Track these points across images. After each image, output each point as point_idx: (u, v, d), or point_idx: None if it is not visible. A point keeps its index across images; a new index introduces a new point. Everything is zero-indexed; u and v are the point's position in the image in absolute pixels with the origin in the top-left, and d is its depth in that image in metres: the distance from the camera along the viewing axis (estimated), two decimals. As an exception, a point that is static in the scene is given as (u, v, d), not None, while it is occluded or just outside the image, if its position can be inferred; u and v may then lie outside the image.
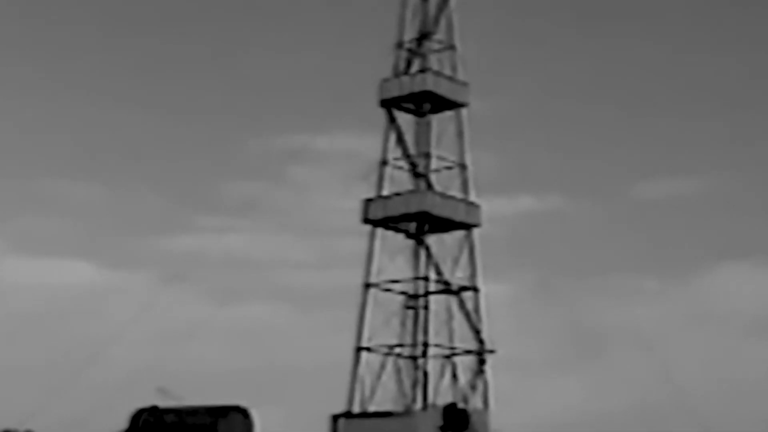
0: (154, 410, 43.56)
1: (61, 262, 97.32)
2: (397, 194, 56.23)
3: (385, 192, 56.73)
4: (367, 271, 55.92)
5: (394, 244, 56.59)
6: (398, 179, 57.14)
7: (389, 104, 57.30)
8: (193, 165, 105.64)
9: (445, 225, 56.11)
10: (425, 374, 54.31)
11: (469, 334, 55.44)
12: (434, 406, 52.89)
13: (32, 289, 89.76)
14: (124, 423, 43.84)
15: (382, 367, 54.65)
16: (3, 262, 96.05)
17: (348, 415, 53.60)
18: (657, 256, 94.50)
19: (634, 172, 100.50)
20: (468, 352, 55.32)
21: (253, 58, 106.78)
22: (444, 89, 56.90)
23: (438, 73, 57.16)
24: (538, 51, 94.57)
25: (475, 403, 54.20)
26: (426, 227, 55.85)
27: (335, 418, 53.23)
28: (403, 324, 55.04)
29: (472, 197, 57.15)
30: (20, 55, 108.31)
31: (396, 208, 55.57)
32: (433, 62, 57.79)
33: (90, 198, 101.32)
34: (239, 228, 76.52)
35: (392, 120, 57.42)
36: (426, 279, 55.52)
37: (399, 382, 54.46)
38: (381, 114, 57.49)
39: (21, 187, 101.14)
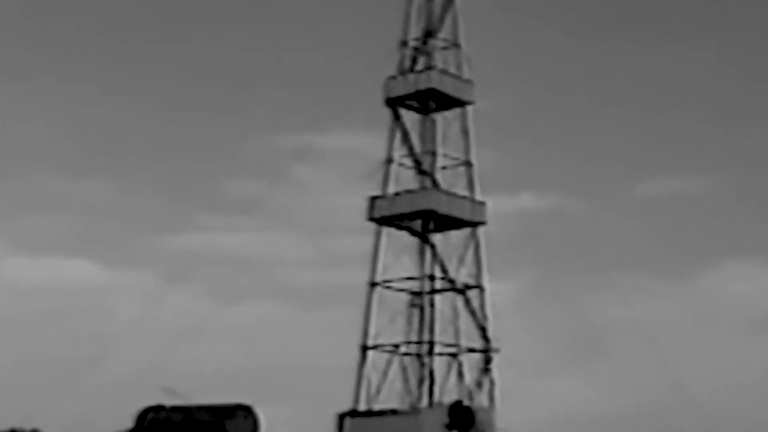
0: (159, 409, 43.49)
1: (64, 261, 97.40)
2: (403, 192, 56.17)
3: (390, 190, 56.67)
4: (373, 270, 55.87)
5: (399, 243, 56.61)
6: (403, 177, 57.15)
7: (394, 102, 57.20)
8: (197, 164, 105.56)
9: (450, 223, 56.05)
10: (431, 372, 54.26)
11: (474, 333, 55.42)
12: (440, 404, 52.86)
13: (35, 289, 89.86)
14: (130, 422, 43.77)
15: (388, 365, 54.68)
16: (6, 262, 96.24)
17: (354, 413, 53.55)
18: (662, 254, 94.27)
19: (638, 170, 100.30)
20: (473, 350, 55.31)
21: (256, 56, 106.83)
22: (449, 87, 56.83)
23: (443, 71, 57.07)
24: (543, 49, 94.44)
25: (481, 401, 54.18)
26: (431, 225, 55.75)
27: (341, 416, 53.18)
28: (408, 322, 55.01)
29: (478, 195, 57.09)
30: (22, 53, 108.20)
31: (401, 206, 55.52)
32: (438, 60, 57.71)
33: (92, 197, 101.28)
34: (243, 227, 76.50)
35: (397, 118, 57.33)
36: (431, 277, 55.43)
37: (405, 380, 54.46)
38: (386, 112, 57.42)
39: (24, 186, 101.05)
